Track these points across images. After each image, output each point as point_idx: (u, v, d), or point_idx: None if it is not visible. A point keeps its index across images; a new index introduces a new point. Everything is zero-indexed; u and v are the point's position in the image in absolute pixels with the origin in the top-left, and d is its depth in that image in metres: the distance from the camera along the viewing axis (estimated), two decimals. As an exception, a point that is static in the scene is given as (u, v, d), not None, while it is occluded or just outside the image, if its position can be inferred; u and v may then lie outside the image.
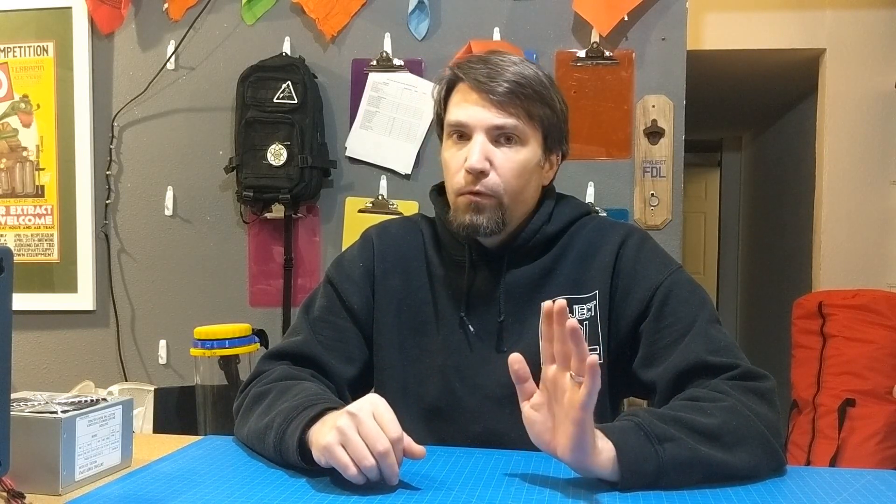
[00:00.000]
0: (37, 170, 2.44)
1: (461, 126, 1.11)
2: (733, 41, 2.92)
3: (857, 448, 2.55)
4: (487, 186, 1.09)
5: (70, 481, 0.88)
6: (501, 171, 1.10)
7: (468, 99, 1.11)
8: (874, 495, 0.85)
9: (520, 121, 1.10)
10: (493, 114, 1.09)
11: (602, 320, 1.12)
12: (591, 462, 0.84)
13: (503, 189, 1.10)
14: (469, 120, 1.10)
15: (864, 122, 2.89)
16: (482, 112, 1.09)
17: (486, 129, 1.09)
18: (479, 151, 1.09)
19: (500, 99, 1.09)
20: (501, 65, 1.11)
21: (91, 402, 0.95)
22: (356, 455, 0.85)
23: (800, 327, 2.84)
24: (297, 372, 1.12)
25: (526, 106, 1.10)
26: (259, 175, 2.21)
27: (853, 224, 2.91)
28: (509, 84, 1.09)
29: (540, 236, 1.15)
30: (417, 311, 1.18)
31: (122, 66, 2.42)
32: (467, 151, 1.10)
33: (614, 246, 1.14)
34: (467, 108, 1.11)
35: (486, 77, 1.09)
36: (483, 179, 1.09)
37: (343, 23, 2.30)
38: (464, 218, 1.11)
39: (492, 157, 1.09)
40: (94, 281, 2.43)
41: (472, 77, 1.11)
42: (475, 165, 1.08)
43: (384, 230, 1.25)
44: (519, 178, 1.11)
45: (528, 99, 1.10)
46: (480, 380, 1.13)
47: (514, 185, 1.11)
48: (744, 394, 0.96)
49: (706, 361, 1.02)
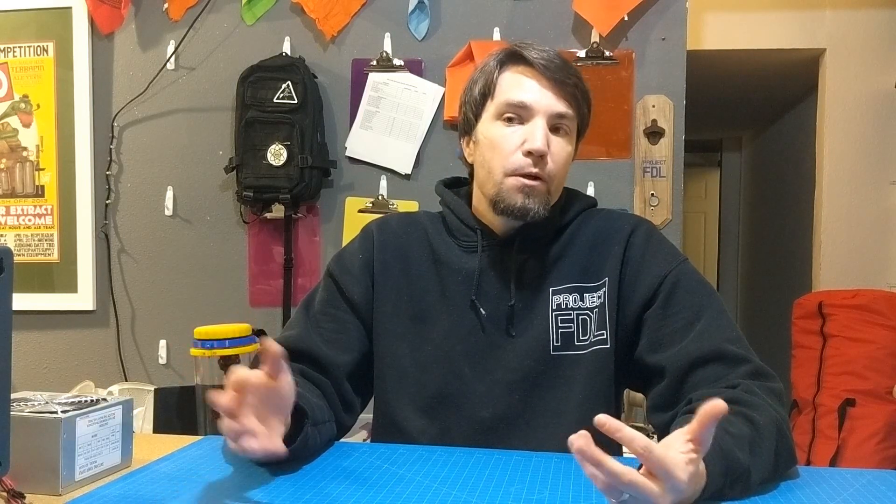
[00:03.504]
0: (37, 170, 2.44)
1: (522, 107, 1.10)
2: (733, 41, 2.92)
3: (857, 448, 2.55)
4: (545, 171, 1.10)
5: (70, 481, 0.88)
6: (556, 159, 1.11)
7: (533, 82, 1.11)
8: (874, 495, 0.85)
9: (574, 114, 1.12)
10: (558, 102, 1.10)
11: (611, 308, 1.12)
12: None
13: (554, 176, 1.11)
14: (534, 103, 1.10)
15: (864, 122, 2.89)
16: (548, 98, 1.10)
17: (549, 114, 1.10)
18: (543, 135, 1.09)
19: (565, 90, 1.10)
20: (551, 52, 1.12)
21: (91, 402, 0.95)
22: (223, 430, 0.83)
23: (800, 327, 2.84)
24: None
25: (578, 101, 1.12)
26: (259, 175, 2.21)
27: (853, 224, 2.91)
28: (574, 78, 1.11)
29: (550, 224, 1.16)
30: (419, 299, 1.18)
31: (122, 66, 2.42)
32: (525, 133, 1.10)
33: (624, 235, 1.15)
34: (533, 91, 1.10)
35: (548, 61, 1.10)
36: (542, 164, 1.10)
37: (343, 23, 2.30)
38: (515, 199, 1.10)
39: (550, 143, 1.10)
40: (94, 281, 2.43)
41: (539, 63, 1.10)
42: (541, 147, 1.08)
43: (384, 223, 1.25)
44: (564, 168, 1.13)
45: (582, 96, 1.12)
46: (490, 364, 1.14)
47: (560, 174, 1.13)
48: (770, 396, 0.96)
49: (723, 350, 1.02)
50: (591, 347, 1.12)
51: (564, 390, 1.11)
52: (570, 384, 1.11)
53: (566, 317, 1.13)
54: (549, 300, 1.13)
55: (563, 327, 1.12)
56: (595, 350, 1.12)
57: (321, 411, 1.03)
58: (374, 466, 0.97)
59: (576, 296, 1.13)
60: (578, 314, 1.13)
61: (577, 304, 1.13)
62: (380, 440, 1.18)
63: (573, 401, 1.11)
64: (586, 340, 1.12)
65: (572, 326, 1.12)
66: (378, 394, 1.19)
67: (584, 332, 1.12)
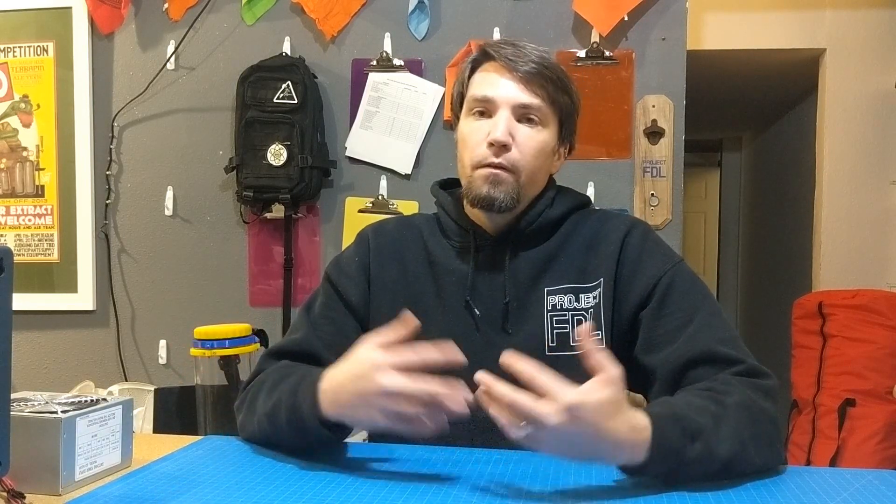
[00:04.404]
0: (37, 170, 2.44)
1: (486, 101, 1.13)
2: (733, 41, 2.92)
3: (857, 448, 2.55)
4: (509, 160, 1.11)
5: (70, 481, 0.88)
6: (522, 149, 1.11)
7: (496, 76, 1.13)
8: (874, 495, 0.85)
9: (543, 103, 1.12)
10: (520, 91, 1.11)
11: (606, 309, 1.13)
12: (627, 435, 0.84)
13: (522, 165, 1.12)
14: (496, 95, 1.12)
15: (864, 122, 2.89)
16: (509, 89, 1.11)
17: (511, 105, 1.11)
18: (504, 125, 1.10)
19: (528, 78, 1.11)
20: (529, 48, 1.13)
21: (91, 402, 0.95)
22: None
23: (800, 327, 2.84)
24: (291, 366, 1.12)
25: (549, 89, 1.12)
26: (259, 175, 2.21)
27: (853, 224, 2.91)
28: (536, 65, 1.11)
29: (543, 220, 1.17)
30: (415, 301, 1.18)
31: (122, 66, 2.42)
32: (490, 126, 1.11)
33: (619, 235, 1.15)
34: (494, 85, 1.12)
35: (515, 56, 1.12)
36: (505, 153, 1.10)
37: (343, 23, 2.30)
38: (481, 190, 1.12)
39: (514, 133, 1.11)
40: (94, 281, 2.43)
41: (502, 55, 1.12)
42: (499, 138, 1.09)
43: (380, 227, 1.27)
44: (536, 158, 1.13)
45: (551, 83, 1.12)
46: (486, 364, 1.13)
47: (531, 164, 1.13)
48: (750, 388, 0.97)
49: (714, 351, 1.03)
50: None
51: None
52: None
53: (561, 317, 1.13)
54: (545, 300, 1.14)
55: (559, 328, 1.13)
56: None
57: None
58: (374, 466, 0.97)
59: (571, 296, 1.14)
60: (574, 315, 1.13)
61: (573, 305, 1.13)
62: (379, 440, 1.18)
63: None
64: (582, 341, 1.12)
65: (567, 327, 1.13)
66: None
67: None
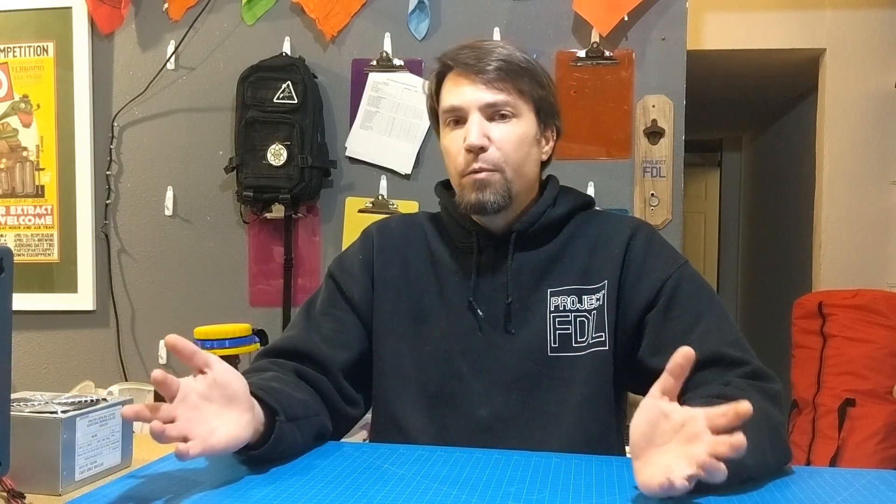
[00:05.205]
0: (37, 170, 2.44)
1: (455, 110, 1.13)
2: (733, 41, 2.92)
3: (857, 448, 2.56)
4: (489, 161, 1.11)
5: (70, 481, 0.88)
6: (501, 145, 1.12)
7: (459, 83, 1.13)
8: (874, 495, 0.85)
9: (511, 96, 1.12)
10: (484, 92, 1.11)
11: (610, 310, 1.13)
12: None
13: (504, 162, 1.12)
14: (462, 102, 1.12)
15: (864, 122, 2.89)
16: (474, 92, 1.12)
17: (479, 107, 1.12)
18: (476, 128, 1.11)
19: (490, 77, 1.11)
20: (487, 47, 1.14)
21: (91, 402, 0.95)
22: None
23: (800, 327, 2.84)
24: (269, 366, 1.11)
25: (515, 82, 1.13)
26: (259, 175, 2.21)
27: (853, 224, 2.91)
28: (496, 63, 1.12)
29: (545, 220, 1.17)
30: (418, 300, 1.19)
31: (122, 66, 2.42)
32: (465, 132, 1.12)
33: (624, 237, 1.15)
34: (459, 92, 1.13)
35: (474, 59, 1.12)
36: (483, 155, 1.11)
37: (343, 23, 2.30)
38: (470, 197, 1.12)
39: (489, 133, 1.11)
40: (94, 281, 2.43)
41: (460, 62, 1.13)
42: (474, 142, 1.10)
43: (384, 225, 1.27)
44: (518, 150, 1.13)
45: (516, 75, 1.13)
46: (489, 363, 1.14)
47: (514, 157, 1.13)
48: (761, 396, 0.96)
49: (722, 353, 1.03)
50: (589, 349, 1.12)
51: (562, 392, 1.12)
52: (569, 386, 1.12)
53: (563, 318, 1.13)
54: (547, 301, 1.14)
55: (561, 329, 1.13)
56: (593, 352, 1.12)
57: (303, 406, 1.02)
58: (374, 466, 0.97)
59: (574, 298, 1.13)
60: (576, 316, 1.13)
61: (576, 307, 1.13)
62: (379, 439, 1.18)
63: (571, 402, 1.11)
64: (584, 342, 1.13)
65: (570, 328, 1.13)
66: (377, 393, 1.20)
67: (582, 333, 1.13)
